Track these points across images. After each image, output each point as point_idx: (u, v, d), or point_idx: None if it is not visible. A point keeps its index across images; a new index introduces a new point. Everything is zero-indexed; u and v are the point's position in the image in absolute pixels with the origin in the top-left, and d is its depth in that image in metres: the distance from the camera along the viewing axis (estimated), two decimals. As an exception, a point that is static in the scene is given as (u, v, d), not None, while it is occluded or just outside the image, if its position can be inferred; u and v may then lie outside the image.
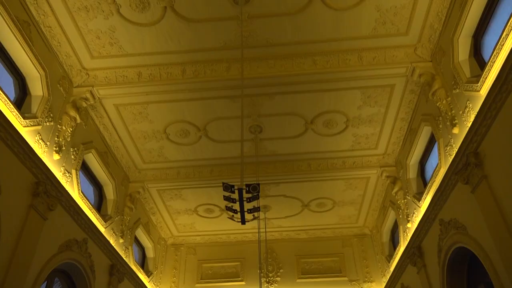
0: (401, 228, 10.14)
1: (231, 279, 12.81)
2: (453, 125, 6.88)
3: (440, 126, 7.53)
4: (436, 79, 7.33)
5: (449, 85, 7.03)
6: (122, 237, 9.87)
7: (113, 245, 9.22)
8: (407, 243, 9.47)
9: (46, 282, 7.23)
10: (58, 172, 7.23)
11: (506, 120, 5.44)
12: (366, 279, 12.51)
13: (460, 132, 6.72)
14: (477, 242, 6.42)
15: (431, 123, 7.89)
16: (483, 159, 6.07)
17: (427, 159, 8.95)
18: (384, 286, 11.78)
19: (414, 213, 9.14)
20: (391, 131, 9.42)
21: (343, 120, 9.10)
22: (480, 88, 5.95)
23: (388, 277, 11.29)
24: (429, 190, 8.18)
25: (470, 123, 6.22)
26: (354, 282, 12.50)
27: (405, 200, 9.72)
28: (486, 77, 5.77)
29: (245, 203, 5.93)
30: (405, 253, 9.64)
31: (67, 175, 7.60)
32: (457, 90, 6.74)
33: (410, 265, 9.47)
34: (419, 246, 8.92)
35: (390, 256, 11.36)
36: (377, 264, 12.58)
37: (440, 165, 7.62)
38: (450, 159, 7.00)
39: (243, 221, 6.30)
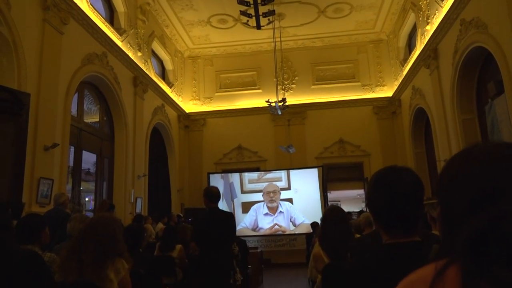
0: (419, 31, 9.91)
1: (249, 87, 13.45)
2: None
3: None
4: None
5: None
6: (139, 51, 10.04)
7: (132, 58, 9.47)
8: (423, 46, 9.40)
9: (77, 93, 7.78)
10: (61, -17, 6.91)
11: None
12: (379, 83, 12.95)
13: None
14: (496, 40, 6.35)
15: None
16: None
17: (459, -48, 8.07)
18: (395, 89, 12.26)
19: (435, 14, 8.78)
20: None
21: None
22: None
23: (400, 81, 11.64)
24: (455, -13, 7.66)
25: None
26: (366, 87, 13.00)
27: (428, 1, 9.21)
28: None
29: (259, 6, 5.73)
30: (420, 56, 9.68)
31: (72, -14, 7.28)
32: None
33: (424, 68, 9.63)
34: (436, 48, 8.87)
35: (405, 61, 11.46)
36: (390, 69, 12.80)
37: (472, -43, 6.93)
38: None
39: (258, 26, 6.21)
